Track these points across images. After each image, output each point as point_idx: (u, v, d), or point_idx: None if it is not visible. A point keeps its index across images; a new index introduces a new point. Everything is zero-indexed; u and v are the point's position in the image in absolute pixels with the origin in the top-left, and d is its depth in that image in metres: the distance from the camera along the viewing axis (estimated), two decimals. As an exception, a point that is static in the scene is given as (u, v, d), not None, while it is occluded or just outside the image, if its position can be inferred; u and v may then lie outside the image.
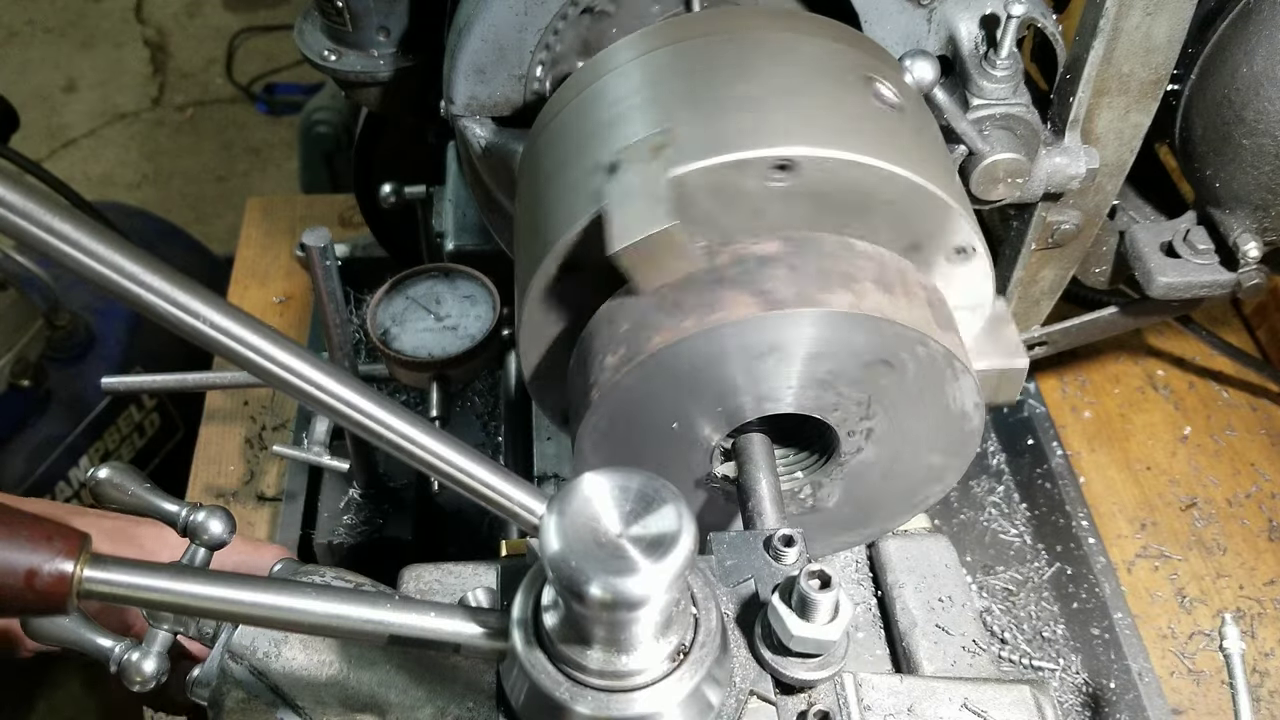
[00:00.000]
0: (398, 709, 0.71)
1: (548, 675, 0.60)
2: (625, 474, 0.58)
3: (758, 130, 0.79)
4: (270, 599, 0.58)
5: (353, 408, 0.58)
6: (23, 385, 1.95)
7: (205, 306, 0.55)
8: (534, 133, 0.94)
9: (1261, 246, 1.09)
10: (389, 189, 1.43)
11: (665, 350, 0.78)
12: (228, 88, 4.00)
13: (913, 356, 0.80)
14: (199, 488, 1.48)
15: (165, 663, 0.72)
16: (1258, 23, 1.01)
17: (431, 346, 1.22)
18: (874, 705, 0.73)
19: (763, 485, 0.85)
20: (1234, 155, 1.05)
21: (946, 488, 0.93)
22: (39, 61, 4.09)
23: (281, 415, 1.55)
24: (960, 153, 0.94)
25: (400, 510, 1.38)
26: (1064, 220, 1.05)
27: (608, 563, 0.54)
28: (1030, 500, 1.41)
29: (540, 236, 0.85)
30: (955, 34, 0.95)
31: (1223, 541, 1.41)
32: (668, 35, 0.89)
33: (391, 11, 1.18)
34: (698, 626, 0.63)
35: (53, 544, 0.54)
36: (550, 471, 1.25)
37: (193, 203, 3.60)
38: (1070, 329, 1.24)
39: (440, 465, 0.60)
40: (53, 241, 0.52)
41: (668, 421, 0.84)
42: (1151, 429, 1.54)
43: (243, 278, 1.75)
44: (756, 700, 0.66)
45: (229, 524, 0.76)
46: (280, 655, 0.74)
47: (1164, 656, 1.30)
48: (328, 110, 2.58)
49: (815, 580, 0.64)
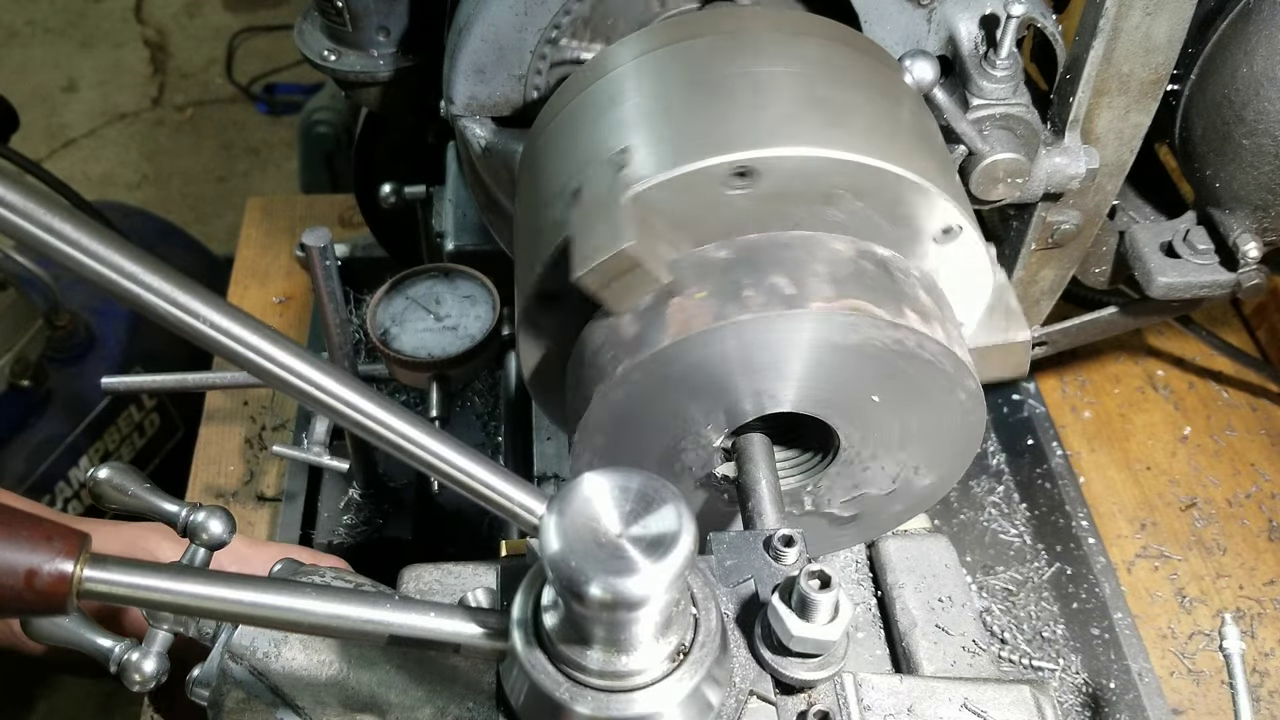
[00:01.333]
0: (397, 709, 0.71)
1: (547, 675, 0.60)
2: (625, 474, 0.58)
3: (717, 136, 0.78)
4: (270, 599, 0.58)
5: (352, 408, 0.58)
6: (23, 385, 1.95)
7: (205, 307, 0.55)
8: (534, 133, 0.94)
9: (1261, 246, 1.09)
10: (389, 189, 1.43)
11: (648, 361, 0.78)
12: (228, 88, 4.01)
13: (907, 353, 0.80)
14: (199, 488, 1.48)
15: (165, 663, 0.72)
16: (1258, 23, 1.01)
17: (431, 346, 1.22)
18: (874, 705, 0.73)
19: (763, 485, 0.85)
20: (1234, 155, 1.05)
21: (949, 484, 0.92)
22: (39, 61, 4.09)
23: (281, 415, 1.55)
24: (960, 153, 0.94)
25: (400, 510, 1.38)
26: (1064, 220, 1.05)
27: (608, 563, 0.54)
28: (1030, 500, 1.41)
29: (528, 256, 0.85)
30: (955, 34, 0.95)
31: (1223, 541, 1.41)
32: (666, 36, 0.89)
33: (391, 11, 1.18)
34: (698, 626, 0.63)
35: (52, 544, 0.54)
36: (550, 471, 1.25)
37: (193, 203, 3.60)
38: (1070, 329, 1.24)
39: (440, 465, 0.60)
40: (53, 241, 0.52)
41: (663, 427, 0.84)
42: (1151, 429, 1.54)
43: (243, 278, 1.75)
44: (756, 700, 0.66)
45: (229, 524, 0.76)
46: (280, 655, 0.74)
47: (1164, 656, 1.30)
48: (328, 110, 2.58)
49: (815, 580, 0.64)
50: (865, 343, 0.79)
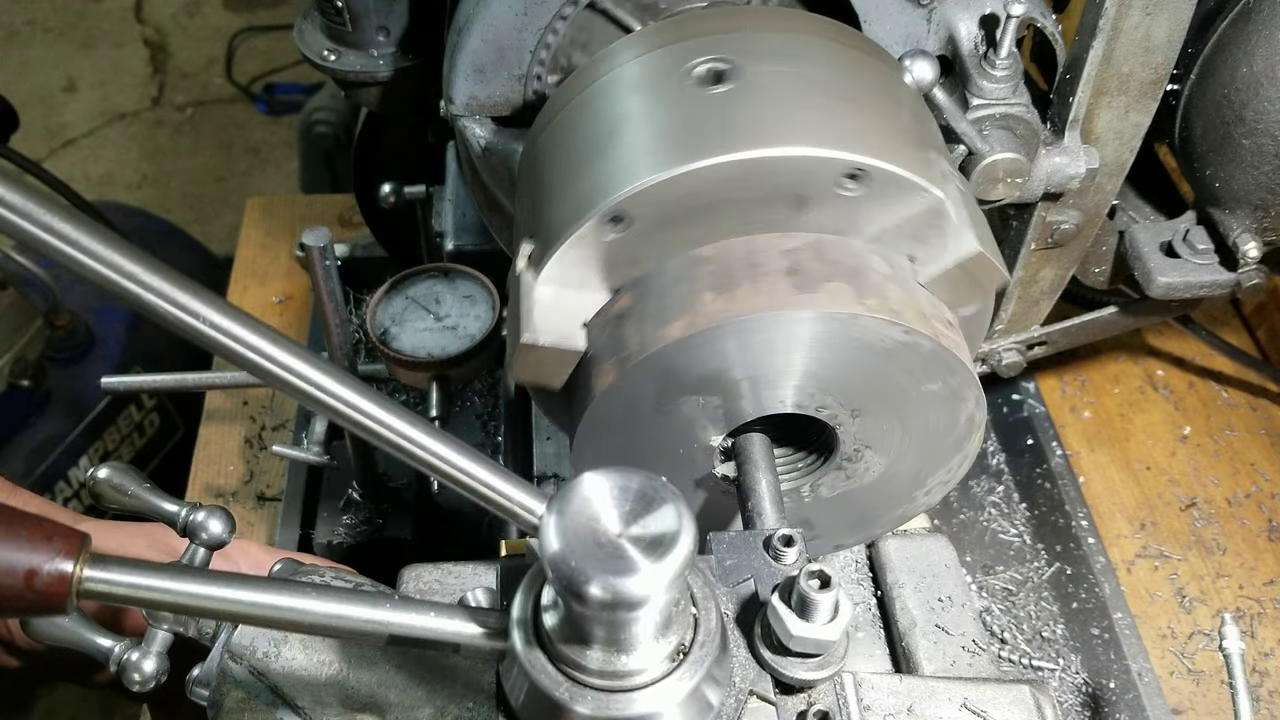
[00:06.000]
0: (397, 709, 0.71)
1: (547, 675, 0.60)
2: (625, 474, 0.58)
3: (586, 195, 0.80)
4: (270, 599, 0.58)
5: (352, 407, 0.58)
6: (23, 385, 1.95)
7: (205, 306, 0.55)
8: (534, 133, 0.94)
9: (1261, 246, 1.09)
10: (389, 189, 1.43)
11: (659, 354, 0.78)
12: (227, 88, 4.00)
13: (906, 353, 0.80)
14: (199, 488, 1.48)
15: (165, 663, 0.72)
16: (1257, 23, 1.01)
17: (431, 346, 1.22)
18: (874, 705, 0.73)
19: (762, 485, 0.85)
20: (1234, 155, 1.05)
21: (951, 483, 0.92)
22: (39, 61, 4.09)
23: (281, 415, 1.55)
24: (960, 152, 0.94)
25: (400, 510, 1.39)
26: (1064, 220, 1.05)
27: (607, 563, 0.54)
28: (1030, 500, 1.41)
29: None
30: (955, 34, 0.95)
31: (1222, 541, 1.41)
32: (665, 36, 0.89)
33: (391, 11, 1.18)
34: (697, 626, 0.63)
35: (52, 544, 0.54)
36: (550, 471, 1.25)
37: (193, 203, 3.60)
38: (1070, 329, 1.24)
39: (440, 465, 0.60)
40: (54, 242, 0.52)
41: (663, 428, 0.84)
42: (1151, 429, 1.54)
43: (242, 278, 1.75)
44: (756, 700, 0.66)
45: (229, 524, 0.76)
46: (280, 655, 0.74)
47: (1164, 656, 1.30)
48: (327, 110, 2.58)
49: (815, 580, 0.64)
50: (865, 343, 0.79)
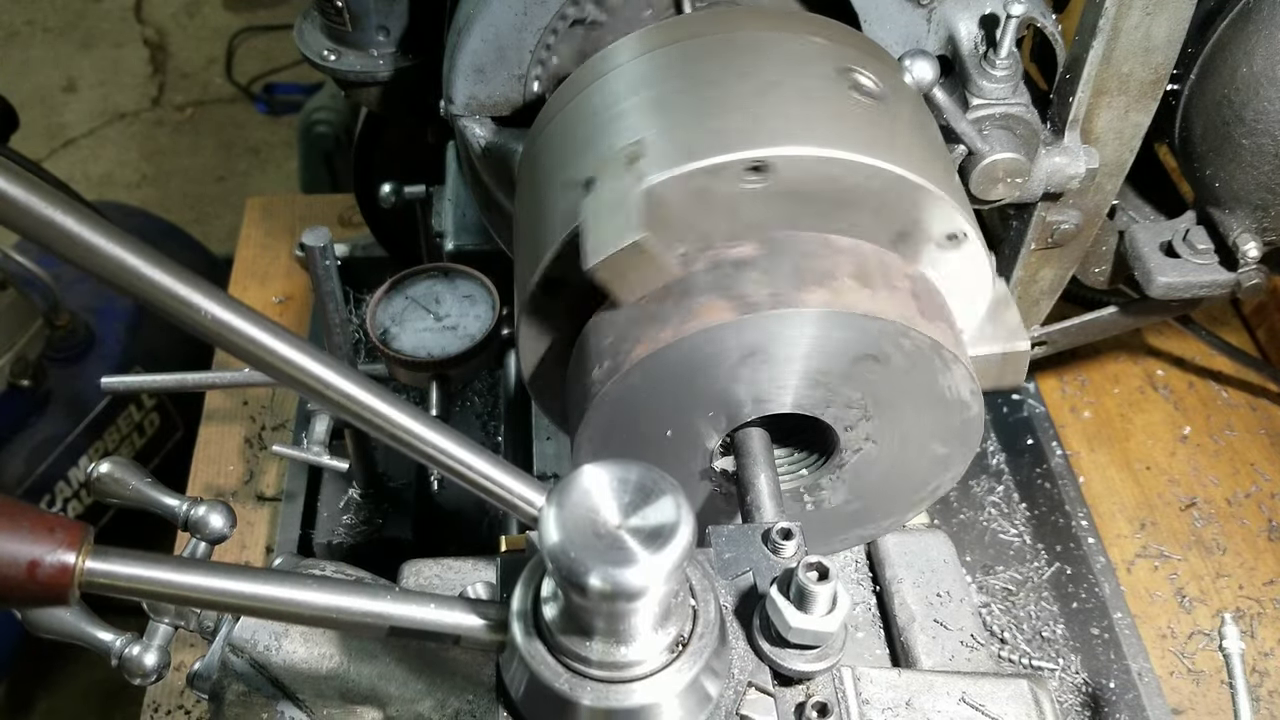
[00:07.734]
0: (398, 701, 0.72)
1: (547, 666, 0.60)
2: (624, 466, 0.58)
3: (730, 133, 0.79)
4: (271, 591, 0.59)
5: (353, 400, 0.59)
6: (23, 385, 1.95)
7: (206, 300, 0.56)
8: (533, 133, 0.94)
9: (1261, 246, 1.09)
10: (389, 189, 1.43)
11: (649, 359, 0.78)
12: (227, 88, 4.00)
13: (898, 349, 0.80)
14: (199, 487, 1.48)
15: (166, 656, 0.72)
16: (1257, 23, 1.01)
17: (431, 346, 1.22)
18: (872, 699, 0.73)
19: (761, 479, 0.85)
20: (1234, 155, 1.05)
21: (953, 479, 0.92)
22: (39, 61, 4.09)
23: (281, 415, 1.55)
24: (960, 152, 0.95)
25: (400, 510, 1.39)
26: (1063, 220, 1.06)
27: (607, 554, 0.55)
28: (1030, 500, 1.41)
29: (530, 250, 0.85)
30: (955, 34, 0.96)
31: (1222, 541, 1.41)
32: (664, 36, 0.89)
33: (391, 11, 1.18)
34: (696, 618, 0.63)
35: (55, 535, 0.55)
36: (550, 471, 1.25)
37: (192, 203, 3.60)
38: (1070, 329, 1.24)
39: (440, 458, 0.60)
40: (57, 235, 0.53)
41: (664, 426, 0.84)
42: (1151, 429, 1.54)
43: (242, 278, 1.75)
44: (755, 691, 0.66)
45: (229, 518, 0.76)
46: (281, 648, 0.74)
47: (1164, 656, 1.30)
48: (327, 110, 2.58)
49: (813, 572, 0.64)
50: (866, 344, 0.79)
